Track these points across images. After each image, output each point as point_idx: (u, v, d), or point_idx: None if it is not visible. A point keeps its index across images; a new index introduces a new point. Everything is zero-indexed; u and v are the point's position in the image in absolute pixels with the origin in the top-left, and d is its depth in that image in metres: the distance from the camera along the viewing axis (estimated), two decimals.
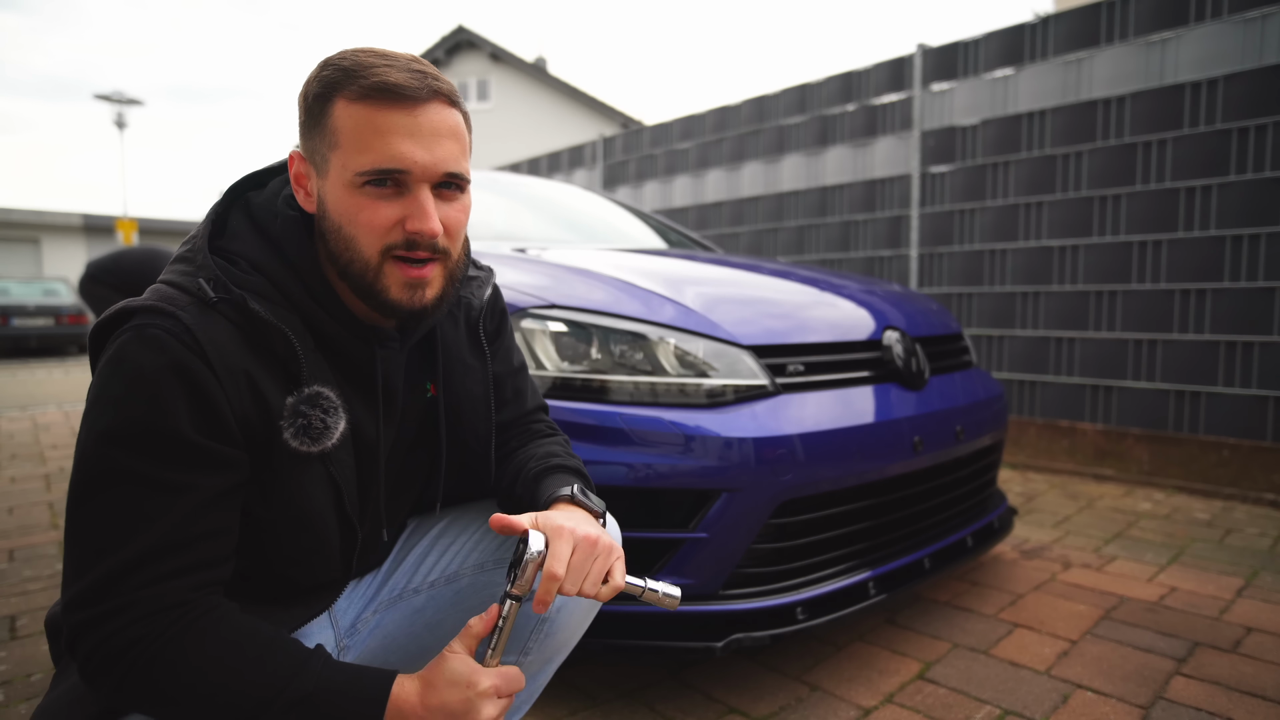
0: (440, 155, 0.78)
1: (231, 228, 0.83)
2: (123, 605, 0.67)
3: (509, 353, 1.08)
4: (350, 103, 0.76)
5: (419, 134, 0.76)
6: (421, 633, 0.98)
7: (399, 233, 0.78)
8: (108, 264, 4.17)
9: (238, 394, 0.74)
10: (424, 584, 0.99)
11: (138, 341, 0.71)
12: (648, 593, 0.83)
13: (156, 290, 0.76)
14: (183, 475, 0.71)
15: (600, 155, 6.40)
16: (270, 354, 0.77)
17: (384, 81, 0.75)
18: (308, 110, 0.80)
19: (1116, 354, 3.48)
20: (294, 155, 0.83)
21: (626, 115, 17.36)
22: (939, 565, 1.76)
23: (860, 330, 1.81)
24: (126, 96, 16.05)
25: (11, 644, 1.77)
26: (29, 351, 11.84)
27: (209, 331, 0.73)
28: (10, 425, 4.96)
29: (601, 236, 2.71)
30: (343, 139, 0.77)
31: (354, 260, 0.79)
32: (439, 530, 1.03)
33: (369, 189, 0.77)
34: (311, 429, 0.78)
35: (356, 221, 0.77)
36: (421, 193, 0.78)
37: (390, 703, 0.71)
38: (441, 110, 0.79)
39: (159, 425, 0.69)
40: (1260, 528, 2.68)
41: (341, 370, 0.85)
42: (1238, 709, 1.47)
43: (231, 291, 0.76)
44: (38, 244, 19.29)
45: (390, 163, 0.76)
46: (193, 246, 0.81)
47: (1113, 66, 3.45)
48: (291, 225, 0.82)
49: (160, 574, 0.69)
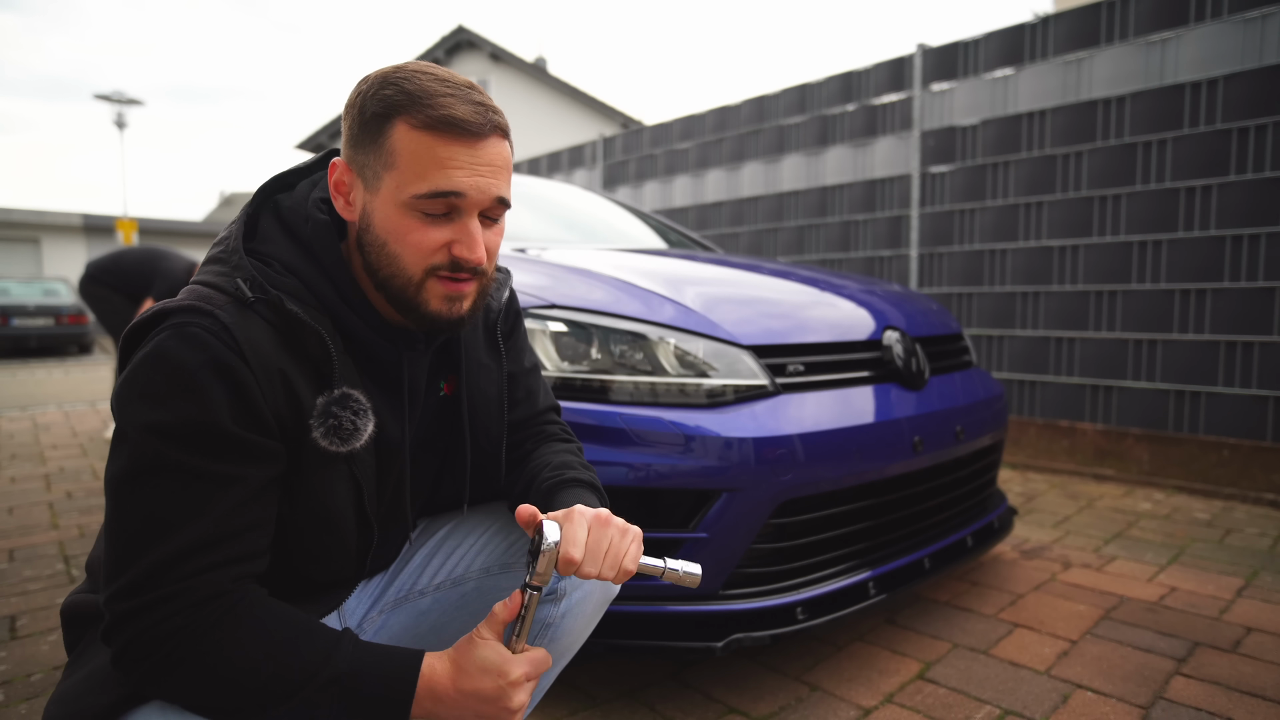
0: (493, 187, 0.81)
1: (263, 230, 0.85)
2: (168, 595, 0.68)
3: (522, 353, 1.09)
4: (413, 129, 0.77)
5: (477, 168, 0.79)
6: (426, 635, 0.98)
7: (444, 255, 0.80)
8: (107, 264, 4.17)
9: (273, 392, 0.75)
10: (430, 586, 0.99)
11: (178, 339, 0.72)
12: (668, 572, 0.83)
13: (194, 290, 0.77)
14: (229, 467, 0.72)
15: (600, 155, 6.40)
16: (304, 354, 0.79)
17: (450, 115, 0.77)
18: (363, 125, 0.80)
19: (1116, 354, 3.48)
20: (337, 163, 0.84)
21: (626, 115, 17.36)
22: (939, 565, 1.76)
23: (860, 330, 1.81)
24: (126, 96, 16.05)
25: (11, 644, 1.77)
26: (29, 351, 11.84)
27: (246, 330, 0.74)
28: (10, 425, 4.97)
29: (601, 236, 2.71)
30: (401, 162, 0.78)
31: (396, 275, 0.81)
32: (446, 532, 1.03)
33: (420, 214, 0.79)
34: (341, 430, 0.79)
35: (405, 241, 0.79)
36: (472, 221, 0.81)
37: (421, 681, 0.73)
38: (498, 145, 0.81)
39: (204, 419, 0.71)
40: (1260, 528, 2.68)
41: (368, 372, 0.86)
42: (1238, 709, 1.47)
43: (268, 292, 0.77)
44: (38, 244, 19.29)
45: (448, 189, 0.78)
46: (226, 248, 0.82)
47: (1113, 66, 3.45)
48: (322, 229, 0.83)
49: (205, 565, 0.70)
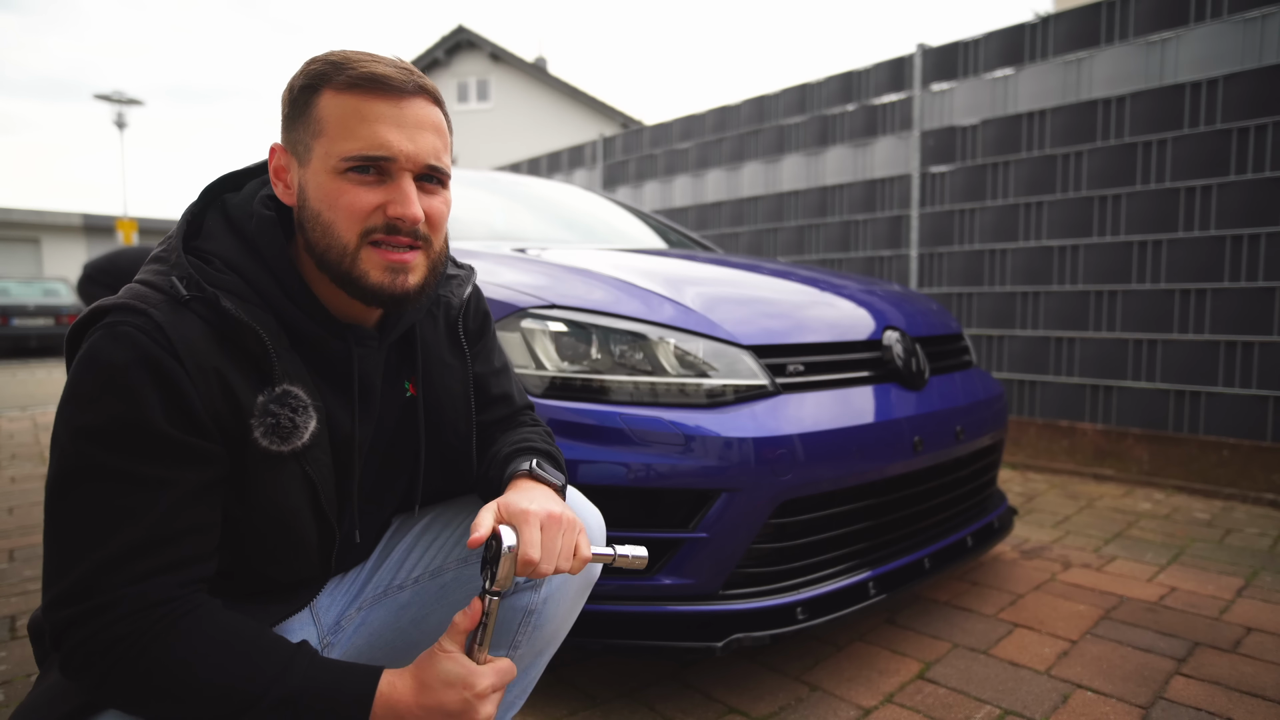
0: (423, 146, 0.80)
1: (207, 228, 0.84)
2: (106, 603, 0.67)
3: (490, 353, 1.08)
4: (338, 93, 0.78)
5: (404, 124, 0.79)
6: (407, 628, 0.98)
7: (379, 217, 0.79)
8: (104, 264, 4.18)
9: (209, 391, 0.74)
10: (408, 580, 0.99)
11: (109, 338, 0.71)
12: (618, 558, 0.86)
13: (130, 289, 0.77)
14: (161, 469, 0.71)
15: (600, 155, 6.40)
16: (243, 352, 0.77)
17: (371, 72, 0.78)
18: (292, 103, 0.81)
19: (1116, 354, 3.48)
20: (274, 149, 0.84)
21: (626, 115, 17.36)
22: (939, 565, 1.76)
23: (860, 330, 1.81)
24: (126, 96, 16.05)
25: (11, 644, 1.77)
26: (29, 351, 11.83)
27: (180, 329, 0.73)
28: (10, 425, 4.97)
29: (601, 236, 2.71)
30: (328, 126, 0.78)
31: (332, 246, 0.79)
32: (422, 526, 1.03)
33: (352, 175, 0.78)
34: (281, 428, 0.78)
35: (337, 206, 0.78)
36: (404, 180, 0.79)
37: (379, 700, 0.72)
38: (425, 105, 0.81)
39: (133, 419, 0.69)
40: (1260, 528, 2.68)
41: (318, 369, 0.85)
42: (1238, 709, 1.47)
43: (204, 289, 0.76)
44: (38, 244, 19.29)
45: (375, 149, 0.77)
46: (167, 246, 0.82)
47: (1113, 66, 3.45)
48: (267, 224, 0.82)
49: (143, 570, 0.69)
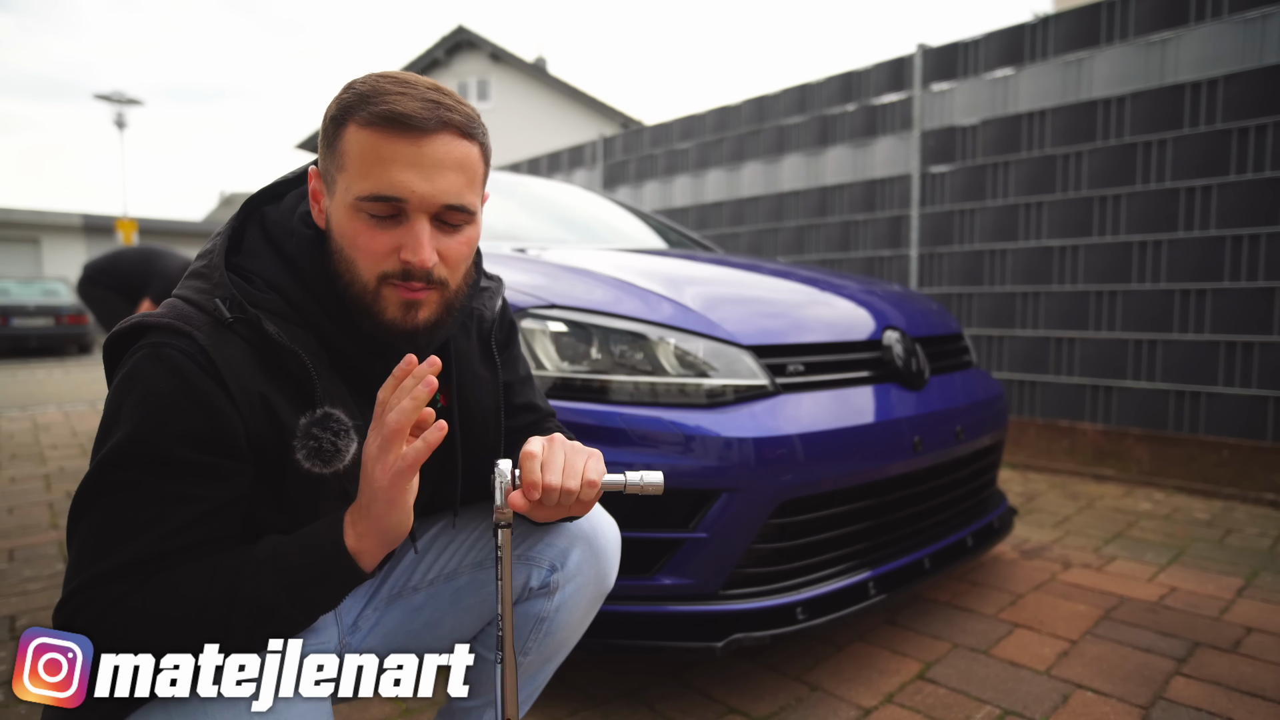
0: (440, 187, 0.78)
1: (248, 244, 0.84)
2: (110, 604, 0.70)
3: (516, 362, 1.09)
4: (360, 128, 0.77)
5: (421, 165, 0.76)
6: (420, 631, 0.99)
7: (394, 261, 0.78)
8: (103, 265, 4.18)
9: (252, 415, 0.75)
10: (423, 582, 0.99)
11: (153, 361, 0.72)
12: (629, 485, 0.83)
13: (174, 307, 0.77)
14: (194, 488, 0.72)
15: (600, 155, 6.40)
16: (285, 374, 0.78)
17: (392, 110, 0.75)
18: (324, 131, 0.81)
19: (1116, 354, 3.47)
20: (312, 172, 0.84)
21: (626, 115, 17.35)
22: (939, 565, 1.76)
23: (860, 330, 1.81)
24: (126, 96, 16.05)
25: (11, 644, 1.77)
26: (29, 351, 11.83)
27: (224, 352, 0.74)
28: (10, 425, 4.96)
29: (601, 236, 2.71)
30: (348, 162, 0.77)
31: (353, 282, 0.80)
32: (438, 530, 1.03)
33: (367, 216, 0.77)
34: (323, 451, 0.78)
35: (355, 245, 0.78)
36: (418, 223, 0.78)
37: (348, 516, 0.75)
38: (450, 142, 0.78)
39: (166, 444, 0.71)
40: (1260, 528, 2.68)
41: (357, 386, 0.85)
42: (1238, 709, 1.47)
43: (247, 311, 0.76)
44: (38, 244, 19.28)
45: (388, 190, 0.76)
46: (208, 263, 0.81)
47: (1113, 66, 3.45)
48: (306, 243, 0.83)
49: (168, 564, 0.72)
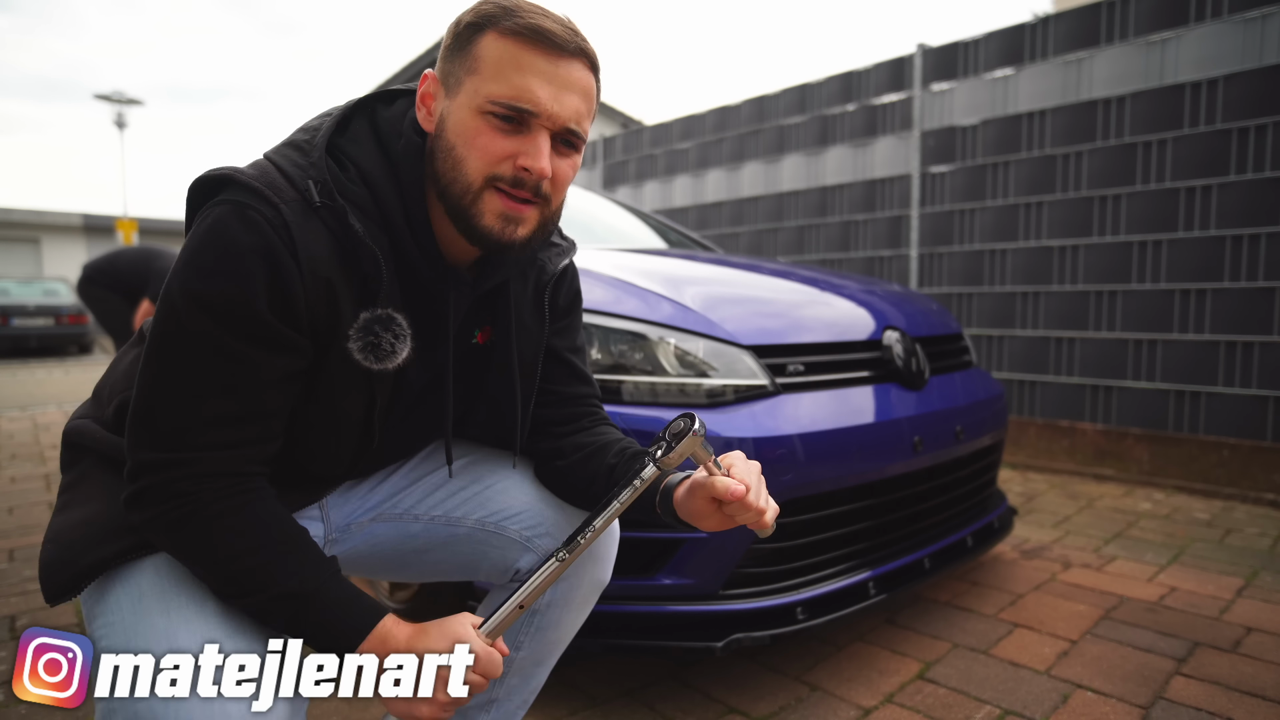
0: (567, 107, 0.80)
1: (354, 130, 0.85)
2: (187, 459, 0.73)
3: (575, 333, 1.09)
4: (501, 36, 0.79)
5: (555, 81, 0.79)
6: (408, 554, 1.01)
7: (509, 166, 0.80)
8: (103, 265, 4.18)
9: (316, 296, 0.77)
10: (425, 515, 1.00)
11: (239, 219, 0.73)
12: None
13: (265, 172, 0.77)
14: (258, 352, 0.75)
15: (600, 155, 6.40)
16: (355, 268, 0.79)
17: (538, 25, 0.78)
18: (455, 36, 0.82)
19: (1116, 354, 3.48)
20: (427, 75, 0.85)
21: (626, 115, 17.32)
22: (939, 565, 1.76)
23: (860, 330, 1.81)
24: (126, 96, 16.05)
25: (11, 644, 1.77)
26: (29, 351, 11.83)
27: (305, 234, 0.75)
28: (10, 425, 4.96)
29: (601, 236, 2.71)
30: (483, 66, 0.79)
31: (457, 180, 0.80)
32: (457, 468, 1.03)
33: (493, 118, 0.79)
34: (380, 349, 0.81)
35: (473, 144, 0.79)
36: (540, 135, 0.80)
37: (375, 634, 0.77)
38: (581, 69, 0.82)
39: (243, 301, 0.73)
40: (1260, 528, 2.68)
41: (410, 300, 0.86)
42: (1238, 709, 1.47)
43: (335, 200, 0.78)
44: (38, 244, 19.29)
45: (521, 99, 0.78)
46: (311, 139, 0.82)
47: (1113, 66, 3.45)
48: (413, 150, 0.84)
49: (226, 440, 0.75)
